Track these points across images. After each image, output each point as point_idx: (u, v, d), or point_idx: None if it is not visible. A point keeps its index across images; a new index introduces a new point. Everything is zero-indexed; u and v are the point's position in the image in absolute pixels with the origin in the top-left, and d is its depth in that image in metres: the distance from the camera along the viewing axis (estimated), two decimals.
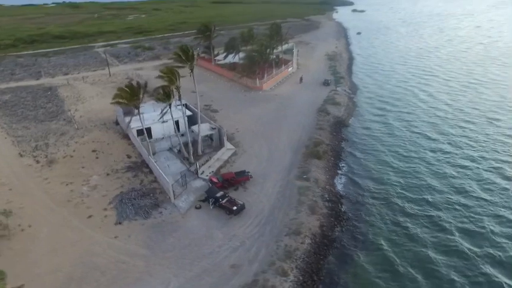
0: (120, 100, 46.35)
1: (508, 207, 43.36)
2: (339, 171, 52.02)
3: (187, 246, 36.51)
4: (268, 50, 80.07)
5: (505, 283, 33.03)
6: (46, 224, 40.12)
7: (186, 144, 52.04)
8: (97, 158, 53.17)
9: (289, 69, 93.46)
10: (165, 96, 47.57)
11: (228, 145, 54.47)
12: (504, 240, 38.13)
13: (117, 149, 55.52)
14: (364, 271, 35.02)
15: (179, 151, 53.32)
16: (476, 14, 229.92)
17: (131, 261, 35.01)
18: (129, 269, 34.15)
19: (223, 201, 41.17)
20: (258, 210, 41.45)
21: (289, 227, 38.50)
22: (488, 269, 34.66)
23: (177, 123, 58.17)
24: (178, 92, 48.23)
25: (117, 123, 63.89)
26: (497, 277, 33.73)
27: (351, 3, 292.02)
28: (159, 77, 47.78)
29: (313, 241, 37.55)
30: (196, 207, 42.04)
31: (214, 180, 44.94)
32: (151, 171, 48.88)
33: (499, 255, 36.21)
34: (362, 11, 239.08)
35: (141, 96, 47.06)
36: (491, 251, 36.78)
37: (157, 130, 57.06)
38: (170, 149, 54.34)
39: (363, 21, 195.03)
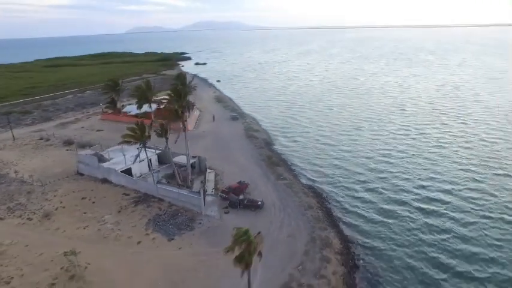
0: (130, 139, 51.87)
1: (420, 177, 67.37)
2: (295, 172, 67.84)
3: None
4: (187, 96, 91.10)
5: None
6: (102, 258, 42.51)
7: (173, 175, 59.56)
8: (93, 203, 54.96)
9: (196, 112, 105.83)
10: (163, 131, 55.26)
11: (208, 169, 63.90)
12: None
13: (106, 192, 57.99)
14: (354, 222, 51.46)
15: (168, 182, 59.90)
16: (292, 60, 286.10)
17: (210, 258, 42.20)
18: (214, 263, 41.38)
19: (246, 201, 51.66)
20: (271, 203, 53.39)
21: (303, 206, 52.08)
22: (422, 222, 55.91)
23: (149, 162, 64.50)
24: (183, 125, 56.42)
25: (80, 173, 64.58)
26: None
27: (189, 58, 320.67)
28: (173, 111, 55.41)
29: (322, 211, 52.28)
30: (225, 213, 51.01)
31: (226, 190, 54.58)
32: (160, 199, 54.51)
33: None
34: (204, 64, 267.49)
35: (147, 134, 53.47)
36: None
37: (135, 169, 61.89)
38: (159, 182, 60.12)
39: (212, 72, 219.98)
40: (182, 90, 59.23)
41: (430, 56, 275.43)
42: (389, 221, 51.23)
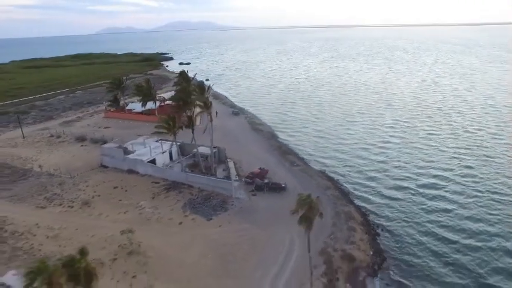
0: (163, 130, 56.26)
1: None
2: (305, 160, 73.55)
3: (276, 214, 51.15)
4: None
5: None
6: (150, 237, 46.48)
7: (196, 164, 64.21)
8: (126, 191, 58.84)
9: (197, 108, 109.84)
10: (190, 123, 59.87)
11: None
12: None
13: (135, 181, 61.89)
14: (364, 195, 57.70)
15: (192, 171, 64.29)
16: (274, 59, 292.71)
17: (249, 233, 47.30)
18: (254, 237, 46.50)
19: (270, 184, 57.03)
20: (292, 186, 58.90)
21: (321, 187, 57.92)
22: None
23: (170, 153, 68.88)
24: (210, 116, 61.17)
25: (104, 166, 67.90)
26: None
27: (171, 58, 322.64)
28: (199, 105, 59.92)
29: (338, 191, 58.29)
30: (252, 195, 56.14)
31: (251, 176, 59.69)
32: (189, 186, 58.93)
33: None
34: (188, 64, 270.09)
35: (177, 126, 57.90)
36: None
37: (159, 160, 66.00)
38: (183, 171, 64.44)
39: (198, 71, 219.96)
40: (205, 85, 63.62)
41: (405, 55, 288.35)
42: (395, 201, 57.24)
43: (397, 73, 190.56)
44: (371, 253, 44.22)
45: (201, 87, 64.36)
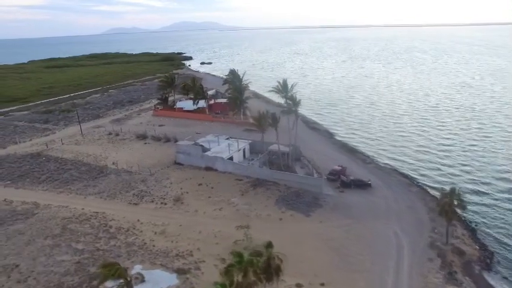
0: (254, 128, 57.87)
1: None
2: (370, 153, 74.88)
3: (371, 209, 52.32)
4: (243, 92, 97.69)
5: None
6: (258, 233, 46.45)
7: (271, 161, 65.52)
8: (212, 188, 59.91)
9: None
10: (274, 121, 61.05)
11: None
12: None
13: (217, 178, 63.09)
14: None
15: (270, 168, 65.26)
16: (292, 60, 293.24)
17: (352, 228, 48.40)
18: (358, 231, 47.63)
19: (357, 181, 58.07)
20: (374, 183, 59.74)
21: (403, 184, 59.61)
22: None
23: (243, 151, 69.97)
24: (296, 114, 62.45)
25: (178, 163, 68.90)
26: None
27: (191, 58, 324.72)
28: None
29: (419, 188, 58.95)
30: (340, 191, 57.10)
31: (334, 173, 60.75)
32: (274, 183, 59.81)
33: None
34: (210, 63, 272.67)
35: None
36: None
37: (236, 157, 67.11)
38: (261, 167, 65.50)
39: (223, 71, 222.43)
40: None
41: (425, 55, 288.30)
42: (476, 200, 57.00)
43: (424, 74, 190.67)
44: (477, 247, 45.10)
45: (285, 84, 65.58)
